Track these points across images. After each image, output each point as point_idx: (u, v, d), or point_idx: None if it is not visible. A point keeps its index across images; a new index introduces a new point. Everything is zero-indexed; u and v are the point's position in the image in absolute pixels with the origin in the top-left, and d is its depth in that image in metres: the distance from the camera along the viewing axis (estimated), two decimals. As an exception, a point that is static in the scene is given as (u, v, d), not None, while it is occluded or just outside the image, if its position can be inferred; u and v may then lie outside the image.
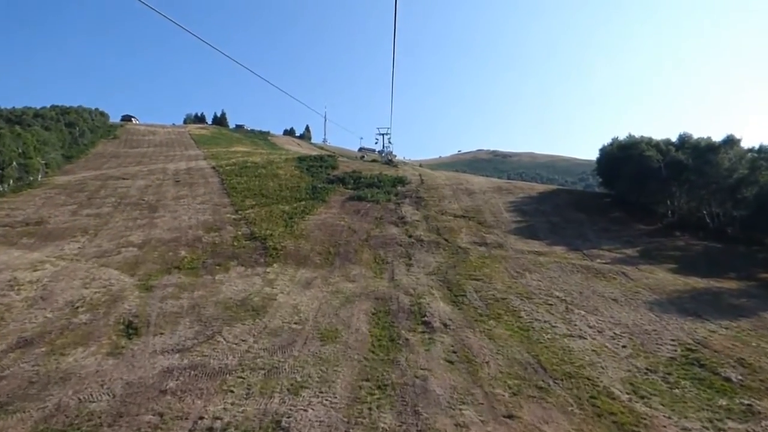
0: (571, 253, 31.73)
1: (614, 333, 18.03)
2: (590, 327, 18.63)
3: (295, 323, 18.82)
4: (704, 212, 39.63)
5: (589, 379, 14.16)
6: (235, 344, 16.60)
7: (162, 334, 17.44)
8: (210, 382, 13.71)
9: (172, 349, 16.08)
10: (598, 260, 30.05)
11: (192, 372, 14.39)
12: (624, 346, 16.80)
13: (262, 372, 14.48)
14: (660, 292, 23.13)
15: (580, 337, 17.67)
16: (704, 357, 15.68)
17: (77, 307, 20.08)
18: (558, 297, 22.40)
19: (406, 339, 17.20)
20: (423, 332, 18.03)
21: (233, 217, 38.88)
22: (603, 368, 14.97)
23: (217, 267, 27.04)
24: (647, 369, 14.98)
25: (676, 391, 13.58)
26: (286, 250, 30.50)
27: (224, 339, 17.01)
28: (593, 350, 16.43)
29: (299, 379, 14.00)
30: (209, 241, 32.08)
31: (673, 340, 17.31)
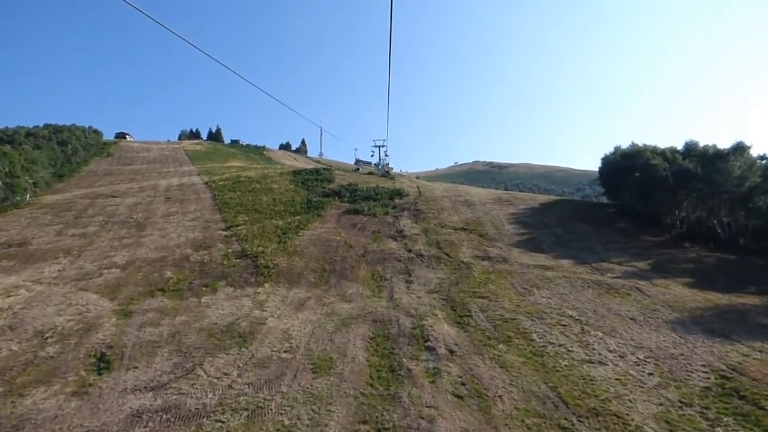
0: (579, 267, 30.12)
1: (638, 358, 16.31)
2: (610, 351, 16.91)
3: (285, 351, 17.04)
4: (715, 222, 38.15)
5: (618, 416, 12.41)
6: (217, 378, 14.80)
7: (136, 368, 15.60)
8: (184, 429, 11.92)
9: (146, 387, 14.26)
10: (609, 274, 28.45)
11: (164, 415, 12.57)
12: (651, 374, 15.08)
13: (245, 413, 12.68)
14: (680, 309, 21.46)
15: (601, 363, 15.95)
16: (743, 386, 13.96)
17: (46, 338, 18.25)
18: (571, 316, 20.70)
19: (409, 369, 15.42)
20: (427, 360, 16.27)
21: (224, 233, 37.18)
22: (632, 402, 13.23)
23: (204, 288, 25.27)
24: (681, 402, 13.25)
25: (719, 429, 11.86)
26: (278, 268, 28.77)
27: (205, 372, 15.22)
28: (617, 379, 14.70)
29: (287, 423, 12.20)
30: (197, 260, 30.34)
31: (704, 365, 15.60)
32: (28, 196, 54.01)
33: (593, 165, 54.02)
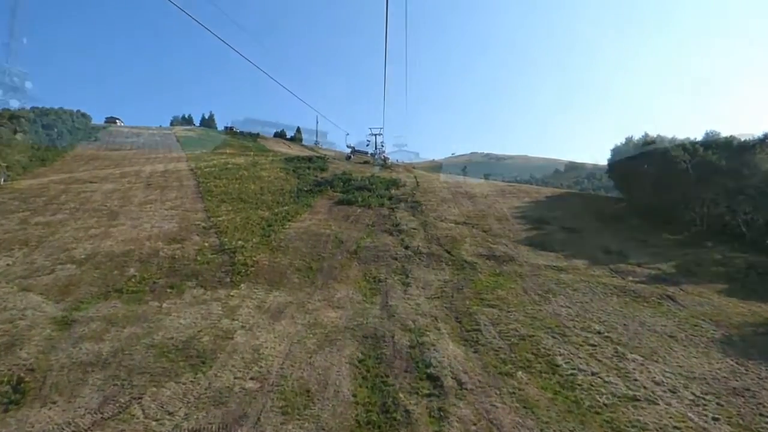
0: (596, 269, 26.83)
1: (693, 394, 13.01)
2: (657, 383, 13.61)
3: (252, 379, 13.64)
4: (739, 220, 34.94)
5: (692, 493, 9.15)
6: (156, 420, 11.38)
7: (54, 402, 12.14)
8: None
9: (58, 434, 10.85)
10: (631, 278, 25.20)
11: (68, 485, 9.21)
12: (716, 419, 11.78)
13: (183, 481, 9.33)
14: (726, 324, 18.19)
15: (650, 401, 12.63)
16: (842, 441, 10.73)
17: (-43, 355, 14.79)
18: (599, 333, 17.39)
19: (407, 410, 12.02)
20: (429, 395, 12.88)
21: (203, 225, 33.62)
22: (704, 466, 9.96)
23: (169, 290, 21.80)
24: (768, 465, 10.00)
25: None
26: (258, 266, 25.33)
27: (143, 411, 11.78)
28: (675, 427, 11.41)
29: (237, 499, 8.87)
30: (168, 255, 26.80)
31: (779, 407, 12.35)
32: (2, 180, 50.23)
33: (591, 158, 51.16)
